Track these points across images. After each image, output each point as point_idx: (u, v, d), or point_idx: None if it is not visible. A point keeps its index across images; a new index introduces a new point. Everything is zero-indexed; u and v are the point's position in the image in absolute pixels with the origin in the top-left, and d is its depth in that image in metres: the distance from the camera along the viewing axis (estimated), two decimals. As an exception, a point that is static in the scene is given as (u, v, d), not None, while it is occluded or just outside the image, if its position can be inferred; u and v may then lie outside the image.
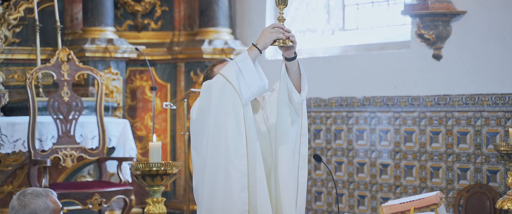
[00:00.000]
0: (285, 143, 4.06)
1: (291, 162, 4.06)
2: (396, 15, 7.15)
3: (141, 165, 4.07)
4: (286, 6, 3.92)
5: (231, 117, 3.90)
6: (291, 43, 3.92)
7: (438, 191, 3.91)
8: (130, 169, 4.24)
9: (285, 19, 3.96)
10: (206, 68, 4.30)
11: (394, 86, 6.74)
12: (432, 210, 3.83)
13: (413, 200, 3.85)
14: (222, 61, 4.19)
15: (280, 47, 3.96)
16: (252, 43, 3.95)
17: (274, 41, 3.92)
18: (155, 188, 4.07)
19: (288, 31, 3.93)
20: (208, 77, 4.18)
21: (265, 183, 3.97)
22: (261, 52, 3.93)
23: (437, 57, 6.41)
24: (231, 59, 4.18)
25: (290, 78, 4.04)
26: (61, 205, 3.43)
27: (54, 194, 3.39)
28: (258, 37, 3.95)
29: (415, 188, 6.58)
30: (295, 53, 3.99)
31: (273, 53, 7.86)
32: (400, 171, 6.69)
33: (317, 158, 4.23)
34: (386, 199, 6.77)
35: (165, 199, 4.23)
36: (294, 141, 4.09)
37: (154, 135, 4.22)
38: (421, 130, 6.54)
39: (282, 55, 4.03)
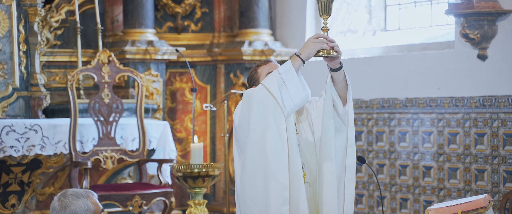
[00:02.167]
0: (329, 156, 4.01)
1: (335, 175, 4.01)
2: (439, 14, 7.05)
3: (182, 167, 4.04)
4: (329, 16, 3.88)
5: (273, 129, 3.86)
6: (335, 54, 3.87)
7: (487, 194, 3.82)
8: (171, 170, 4.22)
9: (329, 29, 3.92)
10: (250, 69, 4.26)
11: (437, 87, 6.63)
12: (480, 214, 3.74)
13: (460, 203, 3.76)
14: (266, 62, 4.16)
15: (325, 57, 3.90)
16: (295, 53, 3.91)
17: (318, 51, 3.87)
18: (197, 190, 4.04)
19: (332, 41, 3.88)
20: (252, 78, 4.16)
21: (305, 197, 3.91)
22: (304, 63, 3.89)
23: (482, 57, 6.29)
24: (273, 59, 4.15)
25: (336, 88, 4.00)
26: (101, 207, 3.42)
27: (94, 196, 3.39)
28: (302, 47, 3.92)
29: (459, 191, 6.46)
30: (340, 63, 3.94)
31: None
32: (444, 174, 6.58)
33: (361, 160, 4.16)
34: (429, 202, 6.66)
35: (206, 201, 4.20)
36: (341, 152, 4.03)
37: (195, 136, 4.20)
38: (466, 131, 6.42)
39: (327, 66, 3.96)
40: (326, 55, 3.86)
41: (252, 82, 4.20)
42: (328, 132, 4.01)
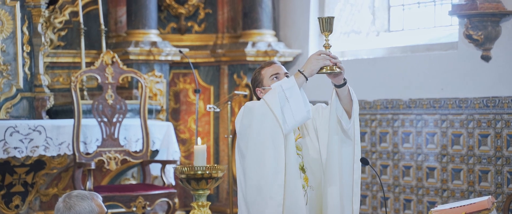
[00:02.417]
0: (333, 177, 4.02)
1: (339, 191, 4.04)
2: (443, 15, 7.03)
3: (186, 169, 4.04)
4: (331, 33, 3.92)
5: (270, 148, 3.89)
6: (338, 70, 3.90)
7: (490, 196, 3.82)
8: (174, 172, 4.22)
9: (331, 46, 3.95)
10: (254, 70, 4.26)
11: (441, 88, 6.62)
12: (483, 215, 3.74)
13: (464, 205, 3.76)
14: (270, 63, 4.16)
15: (328, 74, 3.93)
16: (299, 70, 3.93)
17: (321, 68, 3.90)
18: (200, 192, 4.05)
19: (335, 58, 3.91)
20: (255, 79, 4.16)
21: (305, 212, 3.93)
22: (307, 79, 3.91)
23: (486, 58, 6.28)
24: (274, 61, 4.15)
25: (341, 104, 4.03)
26: (106, 209, 3.42)
27: (99, 198, 3.39)
28: (304, 64, 3.94)
29: (463, 192, 6.46)
30: (344, 79, 3.97)
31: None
32: (447, 175, 6.58)
33: (364, 162, 4.16)
34: (432, 203, 6.65)
35: (210, 203, 4.20)
36: (349, 166, 4.05)
37: (199, 138, 4.20)
38: (469, 132, 6.42)
39: (332, 82, 3.99)
40: (329, 71, 3.89)
41: (256, 83, 4.20)
42: (333, 147, 4.05)
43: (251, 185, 3.91)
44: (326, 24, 3.87)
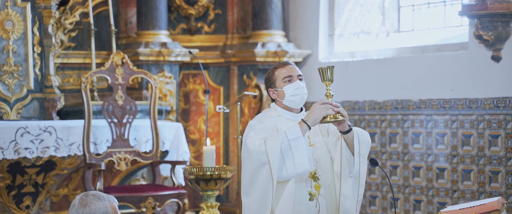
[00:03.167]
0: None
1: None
2: (453, 16, 7.01)
3: (195, 169, 4.04)
4: (332, 82, 3.97)
5: (258, 191, 3.95)
6: (342, 118, 3.95)
7: (500, 197, 3.81)
8: (183, 173, 4.23)
9: (333, 95, 4.00)
10: (267, 71, 4.26)
11: (451, 88, 6.60)
12: (493, 216, 3.73)
13: (473, 206, 3.75)
14: (284, 64, 4.16)
15: (332, 122, 3.98)
16: (302, 119, 3.96)
17: (324, 117, 3.95)
18: (209, 193, 4.05)
19: (337, 106, 3.97)
20: (269, 80, 4.16)
21: None
22: (310, 129, 3.96)
23: (496, 58, 6.26)
24: (286, 61, 4.15)
25: (349, 149, 4.09)
26: None
27: (115, 202, 3.40)
28: (307, 113, 3.99)
29: (473, 193, 6.43)
30: (349, 125, 4.03)
31: (326, 55, 7.79)
32: (458, 175, 6.56)
33: (374, 162, 4.16)
34: (443, 204, 6.64)
35: (219, 204, 4.20)
36: (352, 194, 4.11)
37: (208, 139, 4.21)
38: (480, 133, 6.39)
39: (337, 129, 4.06)
40: (333, 120, 3.95)
41: (269, 84, 4.20)
42: (347, 190, 4.15)
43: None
44: (327, 74, 3.94)
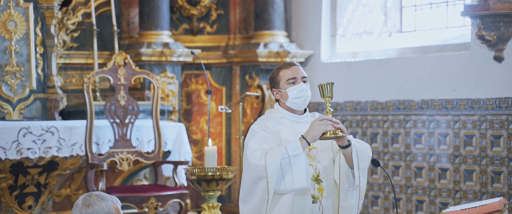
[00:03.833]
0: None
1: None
2: (455, 16, 7.01)
3: (196, 170, 4.05)
4: (331, 98, 4.00)
5: (254, 201, 3.97)
6: (341, 134, 3.99)
7: (502, 197, 3.80)
8: (185, 173, 4.23)
9: (332, 111, 4.03)
10: (272, 71, 4.27)
11: (453, 89, 6.60)
12: (495, 217, 3.72)
13: (475, 206, 3.74)
14: (289, 65, 4.16)
15: (332, 138, 4.02)
16: (302, 135, 3.99)
17: (324, 133, 3.98)
18: (211, 193, 4.05)
19: (336, 123, 4.00)
20: (273, 79, 4.16)
21: None
22: (309, 145, 3.99)
23: (499, 59, 6.26)
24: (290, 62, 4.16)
25: (348, 164, 4.12)
26: None
27: (119, 203, 3.41)
28: (307, 130, 4.01)
29: (475, 193, 6.43)
30: (348, 141, 4.06)
31: (328, 56, 7.79)
32: (460, 176, 6.55)
33: (375, 163, 4.16)
34: (445, 204, 6.63)
35: (220, 204, 4.21)
36: (353, 207, 4.16)
37: (210, 140, 4.21)
38: (482, 133, 6.39)
39: (337, 144, 4.10)
40: (332, 136, 3.98)
41: (273, 84, 4.21)
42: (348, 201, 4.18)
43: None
44: (326, 90, 3.97)
